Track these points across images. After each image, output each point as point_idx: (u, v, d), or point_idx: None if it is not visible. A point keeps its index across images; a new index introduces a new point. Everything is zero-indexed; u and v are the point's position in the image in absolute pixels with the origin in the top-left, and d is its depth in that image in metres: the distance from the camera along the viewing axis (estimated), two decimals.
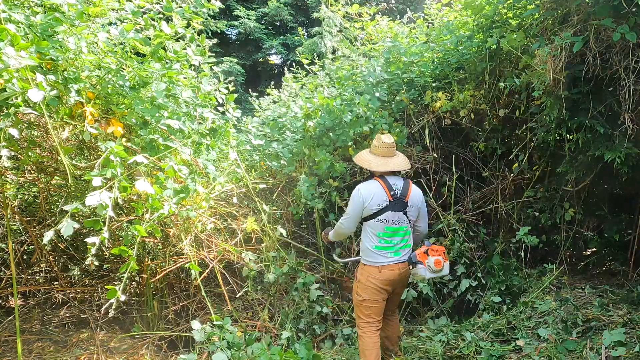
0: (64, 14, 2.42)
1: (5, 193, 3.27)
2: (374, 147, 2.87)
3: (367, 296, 2.80)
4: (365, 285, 2.80)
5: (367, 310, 2.83)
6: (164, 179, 2.69)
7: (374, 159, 2.84)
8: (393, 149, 2.84)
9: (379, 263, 2.76)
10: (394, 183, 2.77)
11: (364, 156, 2.91)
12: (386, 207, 2.73)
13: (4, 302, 4.03)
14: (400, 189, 2.78)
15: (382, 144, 2.82)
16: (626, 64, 2.89)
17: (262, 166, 4.20)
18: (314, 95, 4.42)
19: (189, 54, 2.97)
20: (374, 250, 2.77)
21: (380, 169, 2.79)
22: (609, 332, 2.87)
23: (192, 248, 3.22)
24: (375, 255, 2.77)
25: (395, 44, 4.36)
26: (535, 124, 3.73)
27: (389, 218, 2.75)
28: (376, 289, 2.78)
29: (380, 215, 2.73)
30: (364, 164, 2.88)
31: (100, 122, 2.68)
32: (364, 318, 2.85)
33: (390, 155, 2.83)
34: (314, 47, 11.38)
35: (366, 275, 2.80)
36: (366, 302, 2.81)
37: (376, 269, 2.77)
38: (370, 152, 2.90)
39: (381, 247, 2.77)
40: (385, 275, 2.76)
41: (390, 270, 2.76)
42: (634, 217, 3.75)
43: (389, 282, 2.78)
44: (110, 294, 2.28)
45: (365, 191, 2.74)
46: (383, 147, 2.81)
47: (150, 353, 3.28)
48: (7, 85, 2.04)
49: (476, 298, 3.91)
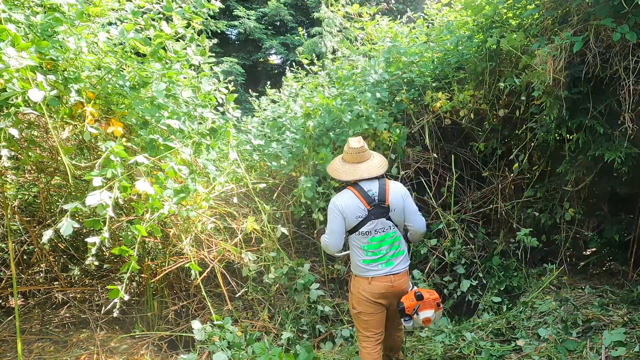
0: (64, 14, 2.42)
1: (5, 193, 3.27)
2: (344, 153, 2.60)
3: (361, 309, 2.59)
4: (358, 298, 2.59)
5: (364, 324, 2.62)
6: (164, 179, 2.69)
7: (343, 167, 2.58)
8: (363, 153, 2.54)
9: (368, 275, 2.53)
10: (368, 189, 2.48)
11: (335, 165, 2.63)
12: (366, 217, 2.47)
13: (4, 302, 4.03)
14: (377, 193, 2.48)
15: (349, 149, 2.54)
16: (626, 64, 2.89)
17: (262, 166, 4.21)
18: (313, 95, 4.42)
19: (189, 54, 2.97)
20: (362, 265, 2.54)
21: (349, 178, 2.51)
22: (609, 332, 2.87)
23: (192, 248, 3.22)
24: (364, 269, 2.54)
25: (395, 44, 4.37)
26: (535, 124, 3.73)
27: (371, 228, 2.48)
28: (368, 301, 2.55)
29: (361, 227, 2.48)
30: (333, 174, 2.61)
31: (100, 122, 2.68)
32: (363, 332, 2.64)
33: (360, 160, 2.54)
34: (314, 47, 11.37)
35: (357, 287, 2.59)
36: (361, 315, 2.61)
37: (366, 281, 2.54)
38: (342, 159, 2.63)
39: (369, 260, 2.52)
40: (375, 287, 2.52)
41: (380, 282, 2.51)
42: (634, 217, 3.75)
43: (380, 295, 2.54)
44: (112, 294, 2.28)
45: (341, 203, 2.47)
46: (351, 153, 2.53)
47: (150, 353, 3.28)
48: (7, 85, 2.04)
49: (476, 298, 3.91)
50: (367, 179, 2.51)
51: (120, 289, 2.28)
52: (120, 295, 2.27)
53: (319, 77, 5.12)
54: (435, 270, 4.08)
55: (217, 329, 3.09)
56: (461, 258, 4.01)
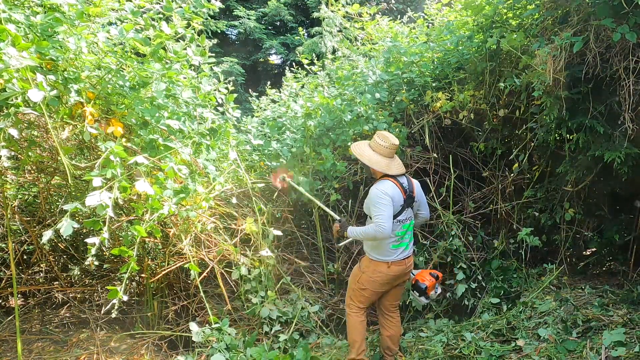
0: (64, 14, 2.42)
1: (5, 193, 3.27)
2: (379, 146, 2.77)
3: (370, 287, 2.88)
4: (372, 279, 2.86)
5: (363, 299, 2.92)
6: (164, 180, 2.69)
7: (382, 159, 2.77)
8: (395, 150, 2.83)
9: (389, 259, 2.82)
10: (402, 182, 2.82)
11: (375, 158, 2.78)
12: (403, 206, 2.79)
13: (4, 302, 4.03)
14: (407, 186, 2.84)
15: (390, 145, 2.76)
16: (626, 64, 2.88)
17: (262, 166, 4.20)
18: (314, 95, 4.42)
19: (189, 54, 2.97)
20: (390, 250, 2.81)
21: (394, 172, 2.78)
22: (609, 332, 2.87)
23: (192, 248, 3.22)
24: (390, 253, 2.81)
25: (395, 44, 4.36)
26: (535, 124, 3.73)
27: (405, 217, 2.82)
28: (382, 283, 2.87)
29: (399, 215, 2.78)
30: (374, 165, 2.76)
31: (100, 122, 2.67)
32: (357, 304, 2.95)
33: (393, 156, 2.84)
34: (314, 47, 11.35)
35: (373, 270, 2.86)
36: (366, 292, 2.90)
37: (385, 265, 2.82)
38: (374, 150, 2.80)
39: (397, 244, 2.83)
40: (393, 270, 2.84)
41: (398, 266, 2.85)
42: (634, 217, 3.75)
43: (396, 277, 2.89)
44: (111, 295, 2.28)
45: (389, 191, 2.69)
46: (390, 148, 2.78)
47: (150, 353, 3.28)
48: (7, 85, 2.04)
49: (474, 302, 3.90)
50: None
51: (119, 289, 2.28)
52: (119, 296, 2.27)
53: (319, 77, 5.11)
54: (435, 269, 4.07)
55: (216, 331, 3.09)
56: (459, 261, 3.99)
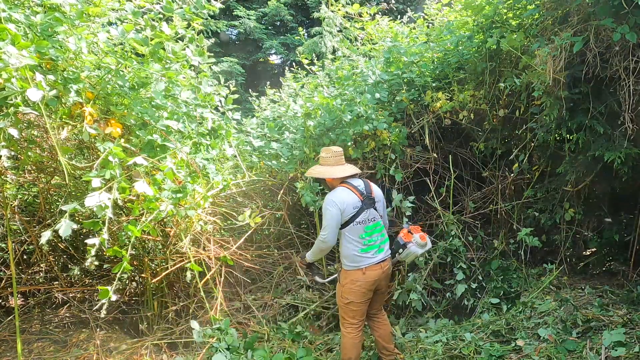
0: (64, 14, 2.42)
1: (5, 193, 3.27)
2: (324, 159, 2.97)
3: (352, 298, 2.87)
4: (351, 289, 2.86)
5: (352, 313, 2.91)
6: (162, 180, 2.68)
7: (330, 169, 2.94)
8: (342, 157, 2.97)
9: (362, 265, 2.84)
10: (357, 184, 2.91)
11: (319, 169, 2.99)
12: (360, 207, 2.84)
13: (4, 302, 4.03)
14: (363, 188, 2.92)
15: (333, 153, 2.94)
16: (626, 64, 2.88)
17: (262, 166, 4.20)
18: (313, 95, 4.42)
19: (189, 55, 2.96)
20: (360, 254, 2.84)
21: (340, 175, 2.91)
22: (609, 332, 2.87)
23: (191, 248, 3.22)
24: (361, 258, 2.84)
25: (395, 44, 4.36)
26: (535, 124, 3.73)
27: (365, 217, 2.85)
28: (361, 291, 2.86)
29: (357, 217, 2.82)
30: (324, 175, 2.95)
31: (99, 123, 2.67)
32: (349, 319, 2.93)
33: (342, 163, 2.97)
34: (314, 47, 11.36)
35: (350, 280, 2.86)
36: (351, 305, 2.89)
37: (360, 272, 2.84)
38: (322, 164, 2.99)
39: (367, 247, 2.85)
40: (369, 276, 2.84)
41: (373, 270, 2.86)
42: (634, 217, 3.74)
43: (374, 282, 2.88)
44: (102, 295, 2.27)
45: (338, 199, 2.79)
46: (335, 156, 2.94)
47: (150, 353, 3.28)
48: (6, 84, 2.04)
49: (473, 302, 3.90)
50: (351, 177, 2.94)
51: (110, 289, 2.27)
52: (109, 296, 2.26)
53: (319, 77, 5.11)
54: (436, 269, 4.08)
55: (217, 331, 3.09)
56: (459, 262, 3.99)
